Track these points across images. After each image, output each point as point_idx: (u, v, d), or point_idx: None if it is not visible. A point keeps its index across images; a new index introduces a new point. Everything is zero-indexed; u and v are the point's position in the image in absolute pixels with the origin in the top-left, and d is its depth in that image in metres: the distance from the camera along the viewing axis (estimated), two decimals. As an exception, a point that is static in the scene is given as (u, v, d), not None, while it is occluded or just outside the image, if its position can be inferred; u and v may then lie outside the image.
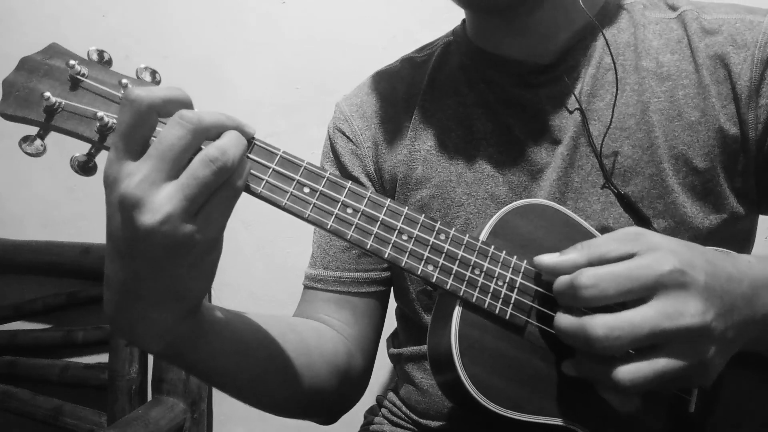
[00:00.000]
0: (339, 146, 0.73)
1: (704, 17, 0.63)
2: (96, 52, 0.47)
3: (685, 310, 0.43)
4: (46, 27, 1.28)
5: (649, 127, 0.61)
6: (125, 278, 0.43)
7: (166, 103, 0.42)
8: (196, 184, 0.40)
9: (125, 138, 0.41)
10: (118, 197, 0.40)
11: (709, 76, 0.60)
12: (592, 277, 0.44)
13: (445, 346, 0.51)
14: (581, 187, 0.63)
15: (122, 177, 0.40)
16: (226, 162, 0.41)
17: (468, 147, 0.67)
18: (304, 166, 0.48)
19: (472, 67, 0.69)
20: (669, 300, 0.43)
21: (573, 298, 0.45)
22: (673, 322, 0.43)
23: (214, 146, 0.41)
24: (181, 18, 1.24)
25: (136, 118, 0.41)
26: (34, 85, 0.46)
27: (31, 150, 0.46)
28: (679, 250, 0.45)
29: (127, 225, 0.41)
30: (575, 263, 0.47)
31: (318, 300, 0.72)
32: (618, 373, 0.43)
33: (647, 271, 0.43)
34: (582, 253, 0.47)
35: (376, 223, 0.49)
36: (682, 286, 0.43)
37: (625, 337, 0.43)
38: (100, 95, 0.46)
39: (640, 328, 0.42)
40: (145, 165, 0.40)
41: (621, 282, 0.44)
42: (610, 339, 0.43)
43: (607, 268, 0.45)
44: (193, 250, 0.42)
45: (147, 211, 0.40)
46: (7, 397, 1.26)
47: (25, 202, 1.35)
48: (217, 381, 0.56)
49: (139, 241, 0.40)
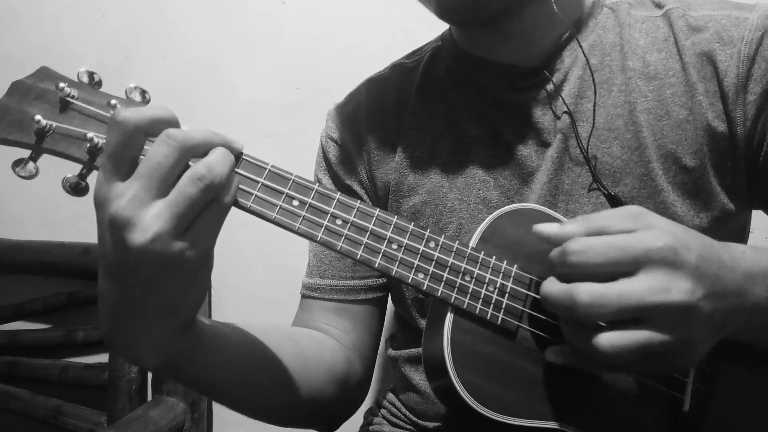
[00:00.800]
0: (331, 155, 0.74)
1: (690, 14, 0.62)
2: (86, 73, 0.48)
3: (673, 287, 0.43)
4: (46, 27, 1.28)
5: (637, 127, 0.61)
6: (118, 296, 0.44)
7: (153, 123, 0.42)
8: (184, 202, 0.41)
9: (113, 159, 0.41)
10: (108, 218, 0.41)
11: (696, 73, 0.60)
12: (581, 243, 0.45)
13: (438, 352, 0.51)
14: (572, 189, 0.63)
15: (112, 198, 0.41)
16: (213, 179, 0.41)
17: (458, 152, 0.67)
18: (292, 179, 0.48)
19: (460, 72, 0.69)
20: (658, 275, 0.43)
21: (561, 263, 0.46)
22: (660, 297, 0.42)
23: (202, 164, 0.42)
24: (181, 18, 1.24)
25: (123, 139, 0.41)
26: (25, 108, 0.47)
27: (24, 173, 0.47)
28: (676, 231, 0.45)
29: (118, 245, 0.41)
30: (572, 233, 0.47)
31: (315, 309, 0.72)
32: (600, 338, 0.43)
33: (637, 245, 0.44)
34: (581, 225, 0.47)
35: (365, 234, 0.49)
36: (673, 263, 0.43)
37: (610, 305, 0.43)
38: (90, 116, 0.47)
39: (627, 298, 0.42)
40: (134, 185, 0.41)
41: (609, 251, 0.44)
42: (595, 306, 0.43)
43: (598, 237, 0.45)
44: (184, 267, 0.42)
45: (137, 230, 0.40)
46: (7, 397, 1.26)
47: (25, 202, 1.35)
48: (214, 394, 0.56)
49: (130, 260, 0.41)
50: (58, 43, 1.27)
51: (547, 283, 0.47)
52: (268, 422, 0.62)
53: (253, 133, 1.19)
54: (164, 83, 1.23)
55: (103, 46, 1.26)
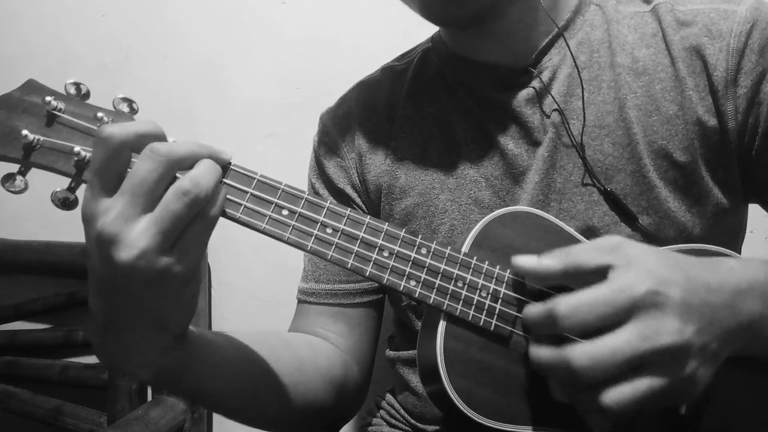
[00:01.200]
0: (324, 159, 0.74)
1: (678, 9, 0.62)
2: (73, 85, 0.48)
3: (662, 329, 0.43)
4: (46, 27, 1.28)
5: (627, 123, 0.61)
6: (107, 312, 0.44)
7: (139, 138, 0.42)
8: (169, 218, 0.40)
9: (99, 175, 0.41)
10: (95, 234, 0.41)
11: (685, 68, 0.60)
12: (570, 306, 0.44)
13: (431, 359, 0.51)
14: (564, 187, 0.62)
15: (98, 214, 0.41)
16: (198, 194, 0.41)
17: (449, 153, 0.67)
18: (282, 188, 0.48)
19: (450, 74, 0.69)
20: (645, 321, 0.43)
21: (551, 327, 0.45)
22: (651, 343, 0.42)
23: (187, 178, 0.41)
24: (181, 18, 1.24)
25: (109, 155, 0.41)
26: (12, 122, 0.47)
27: (14, 189, 0.47)
28: (655, 266, 0.45)
29: (105, 261, 0.41)
30: (550, 269, 0.47)
31: (312, 313, 0.72)
32: (604, 399, 0.43)
33: (622, 296, 0.43)
34: (559, 261, 0.47)
35: (356, 242, 0.49)
36: (658, 306, 0.43)
37: (608, 363, 0.42)
38: (77, 129, 0.47)
39: (621, 352, 0.42)
40: (119, 201, 0.40)
41: (598, 309, 0.43)
42: (595, 369, 0.43)
43: (582, 296, 0.44)
44: (173, 282, 0.42)
45: (123, 247, 0.40)
46: (7, 397, 1.26)
47: (25, 202, 1.34)
48: (210, 404, 0.56)
49: (117, 276, 0.41)
50: (58, 43, 1.27)
51: (536, 349, 0.47)
52: (267, 429, 0.62)
53: (253, 133, 1.19)
54: (164, 83, 1.23)
55: (103, 46, 1.26)
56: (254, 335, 0.59)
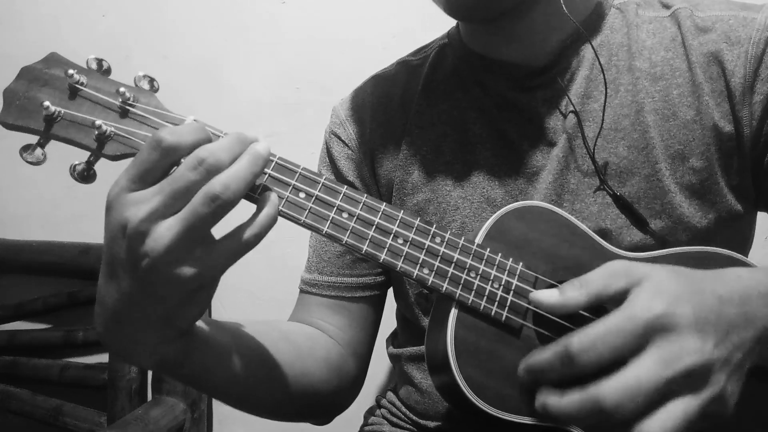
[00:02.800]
0: (335, 151, 0.74)
1: (698, 15, 0.62)
2: (95, 60, 0.48)
3: (682, 351, 0.42)
4: (46, 27, 1.28)
5: (644, 127, 0.61)
6: (117, 300, 0.44)
7: (192, 148, 0.42)
8: (195, 220, 0.40)
9: (143, 170, 0.42)
10: (123, 222, 0.41)
11: (702, 74, 0.60)
12: (583, 342, 0.43)
13: (441, 349, 0.51)
14: (577, 189, 0.62)
15: (130, 203, 0.41)
16: (228, 199, 0.41)
17: (463, 151, 0.67)
18: (299, 171, 0.48)
19: (466, 71, 0.69)
20: (664, 345, 0.42)
21: (568, 367, 0.43)
22: (675, 367, 0.41)
23: (219, 182, 0.41)
24: (181, 18, 1.24)
25: (161, 160, 0.41)
26: (34, 94, 0.47)
27: (32, 159, 0.47)
28: (664, 285, 0.44)
29: (129, 253, 0.41)
30: (578, 303, 0.46)
31: (312, 304, 0.72)
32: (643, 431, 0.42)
33: (635, 323, 0.42)
34: (581, 292, 0.46)
35: (371, 227, 0.49)
36: (672, 327, 0.42)
37: (638, 395, 0.41)
38: (99, 104, 0.47)
39: (648, 381, 0.41)
40: (155, 198, 0.41)
41: (613, 341, 0.42)
42: (628, 403, 0.41)
43: (593, 329, 0.43)
44: (190, 284, 0.42)
45: (150, 242, 0.40)
46: (7, 397, 1.26)
47: (25, 202, 1.35)
48: (211, 391, 0.56)
49: (138, 270, 0.41)
50: (58, 43, 1.27)
51: (563, 399, 0.44)
52: (262, 417, 0.63)
53: (253, 133, 1.19)
54: (164, 83, 1.23)
55: (103, 46, 1.26)
56: (255, 325, 0.60)
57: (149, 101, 0.48)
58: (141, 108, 0.47)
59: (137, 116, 0.47)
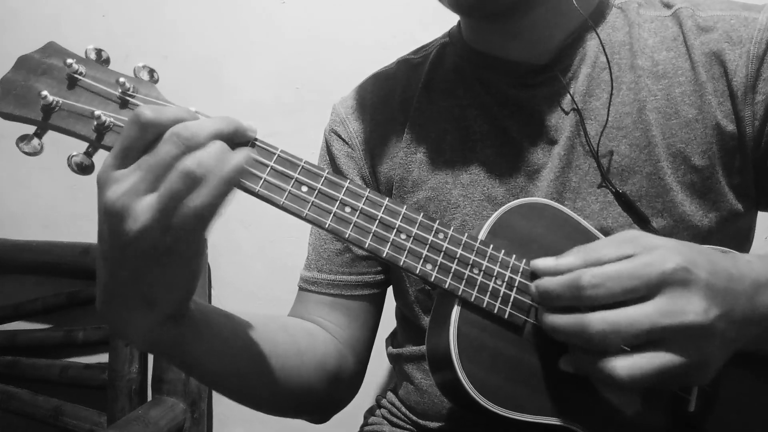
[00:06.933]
0: (335, 149, 0.73)
1: (699, 14, 0.62)
2: (94, 50, 0.47)
3: (688, 308, 0.43)
4: (46, 27, 1.28)
5: (645, 125, 0.61)
6: (107, 280, 0.45)
7: (172, 124, 0.42)
8: (170, 196, 0.40)
9: (124, 147, 0.42)
10: (104, 201, 0.41)
11: (704, 73, 0.60)
12: (597, 276, 0.44)
13: (443, 345, 0.51)
14: (579, 187, 0.62)
15: (110, 181, 0.41)
16: (201, 175, 0.40)
17: (464, 149, 0.67)
18: (302, 165, 0.47)
19: (467, 69, 0.69)
20: (672, 297, 0.43)
21: (574, 297, 0.45)
22: (675, 319, 0.43)
23: (194, 158, 0.40)
24: (181, 18, 1.24)
25: (141, 136, 0.42)
26: (31, 83, 0.46)
27: (28, 149, 0.46)
28: (681, 248, 0.45)
29: (111, 231, 0.42)
30: (572, 267, 0.47)
31: (311, 302, 0.72)
32: (615, 368, 0.44)
33: (651, 269, 0.43)
34: (578, 257, 0.47)
35: (374, 222, 0.49)
36: (686, 283, 0.43)
37: (624, 332, 0.43)
38: (98, 94, 0.46)
39: (640, 324, 0.43)
40: (133, 175, 0.41)
41: (626, 280, 0.44)
42: (609, 334, 0.43)
43: (610, 267, 0.44)
44: (171, 260, 0.43)
45: (128, 220, 0.40)
46: (7, 397, 1.26)
47: (25, 202, 1.35)
48: (208, 381, 0.57)
49: (119, 247, 0.42)
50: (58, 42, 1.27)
51: (551, 316, 0.47)
52: (259, 410, 0.63)
53: (253, 133, 1.19)
54: (164, 83, 1.23)
55: (103, 46, 1.26)
56: (256, 318, 0.60)
57: (149, 92, 0.47)
58: (141, 98, 0.47)
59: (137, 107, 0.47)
